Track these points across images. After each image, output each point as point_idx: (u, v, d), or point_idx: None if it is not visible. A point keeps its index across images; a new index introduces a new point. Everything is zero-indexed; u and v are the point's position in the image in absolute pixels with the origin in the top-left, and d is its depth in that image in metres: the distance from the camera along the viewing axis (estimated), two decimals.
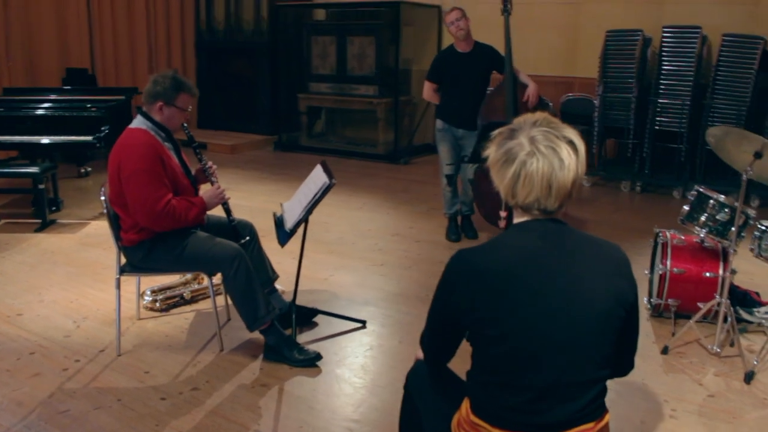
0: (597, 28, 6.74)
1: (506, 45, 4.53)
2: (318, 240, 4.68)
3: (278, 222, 3.28)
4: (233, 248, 2.98)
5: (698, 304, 3.26)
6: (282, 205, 3.39)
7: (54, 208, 5.38)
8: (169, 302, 3.61)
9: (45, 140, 5.27)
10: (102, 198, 3.03)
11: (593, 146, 6.60)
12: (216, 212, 3.23)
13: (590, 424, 1.52)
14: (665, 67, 6.21)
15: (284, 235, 3.15)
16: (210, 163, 3.22)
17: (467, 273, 1.51)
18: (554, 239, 1.51)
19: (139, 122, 2.99)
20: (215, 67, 9.13)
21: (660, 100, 6.23)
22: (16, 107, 5.42)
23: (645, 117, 6.36)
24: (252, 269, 2.99)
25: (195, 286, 3.73)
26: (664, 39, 6.20)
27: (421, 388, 1.82)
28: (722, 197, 3.27)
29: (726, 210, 3.24)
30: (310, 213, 3.06)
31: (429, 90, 4.81)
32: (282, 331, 3.05)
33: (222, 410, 2.66)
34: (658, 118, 6.29)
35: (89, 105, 5.44)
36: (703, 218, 3.31)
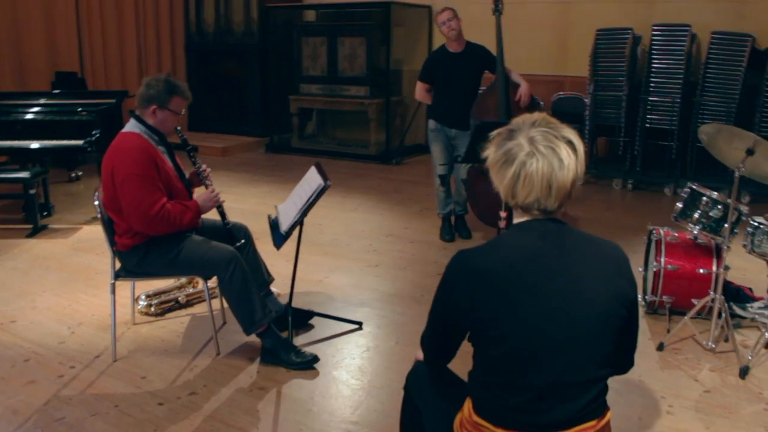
0: (587, 27, 6.78)
1: (498, 44, 4.55)
2: (312, 242, 4.68)
3: (273, 224, 3.26)
4: (228, 251, 2.97)
5: (693, 301, 3.28)
6: (276, 207, 3.38)
7: (45, 213, 5.35)
8: (164, 306, 3.59)
9: (35, 145, 5.22)
10: (96, 203, 3.01)
11: (584, 145, 6.62)
12: (210, 215, 3.22)
13: (592, 423, 1.53)
14: (655, 65, 6.25)
15: (279, 238, 3.14)
16: (204, 167, 3.20)
17: (467, 273, 1.51)
18: (554, 239, 1.52)
19: (133, 126, 2.97)
20: (205, 69, 9.10)
21: (650, 98, 6.27)
22: (6, 112, 5.36)
23: (636, 115, 6.40)
24: (248, 272, 2.98)
25: (190, 290, 3.71)
26: (654, 37, 6.24)
27: (422, 389, 1.82)
28: (715, 194, 3.30)
29: (719, 207, 3.26)
30: (306, 215, 3.05)
31: (421, 90, 4.82)
32: (279, 334, 3.05)
33: (220, 414, 2.65)
34: (649, 116, 6.33)
35: (80, 109, 5.39)
36: (697, 215, 3.33)
